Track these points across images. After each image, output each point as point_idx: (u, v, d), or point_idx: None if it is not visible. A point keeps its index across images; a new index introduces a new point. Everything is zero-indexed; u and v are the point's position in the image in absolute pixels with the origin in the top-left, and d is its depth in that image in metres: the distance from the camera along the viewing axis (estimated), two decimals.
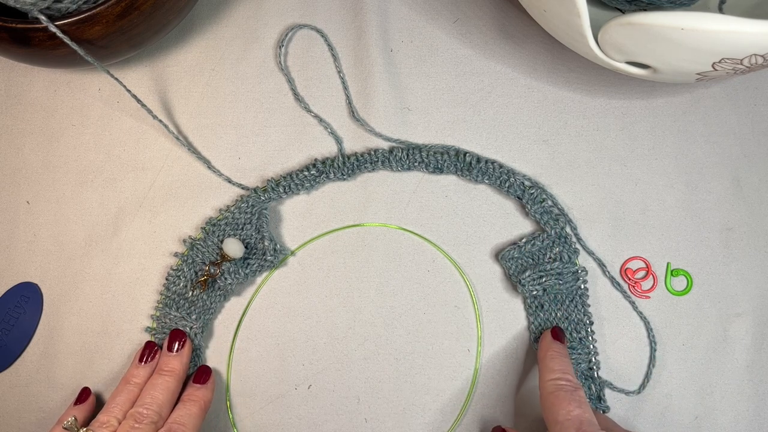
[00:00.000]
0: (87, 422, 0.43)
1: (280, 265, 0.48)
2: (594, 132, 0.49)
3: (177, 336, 0.45)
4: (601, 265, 0.47)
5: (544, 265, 0.46)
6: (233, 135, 0.49)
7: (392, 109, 0.49)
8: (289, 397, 0.46)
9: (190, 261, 0.47)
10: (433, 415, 0.46)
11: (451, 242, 0.48)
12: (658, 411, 0.46)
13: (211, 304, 0.47)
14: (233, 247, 0.46)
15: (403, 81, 0.50)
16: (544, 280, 0.45)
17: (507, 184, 0.47)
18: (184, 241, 0.47)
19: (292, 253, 0.48)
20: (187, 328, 0.46)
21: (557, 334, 0.45)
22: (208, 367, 0.46)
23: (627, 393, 0.46)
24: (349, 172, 0.48)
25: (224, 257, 0.46)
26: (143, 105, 0.46)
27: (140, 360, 0.45)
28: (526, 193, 0.47)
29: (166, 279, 0.47)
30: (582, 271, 0.46)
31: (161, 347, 0.46)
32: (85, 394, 0.45)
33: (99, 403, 0.46)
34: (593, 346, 0.46)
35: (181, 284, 0.47)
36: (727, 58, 0.35)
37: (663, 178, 0.48)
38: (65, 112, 0.50)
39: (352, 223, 0.48)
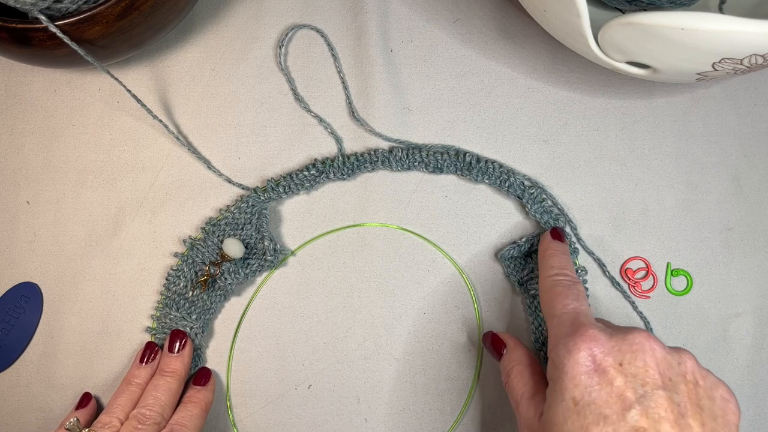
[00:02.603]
0: (89, 425, 0.43)
1: (280, 265, 0.48)
2: (594, 132, 0.49)
3: (177, 336, 0.45)
4: (601, 265, 0.47)
5: None
6: (233, 135, 0.49)
7: (392, 109, 0.49)
8: (289, 397, 0.46)
9: (190, 261, 0.47)
10: (433, 415, 0.46)
11: (451, 242, 0.48)
12: None
13: (211, 304, 0.47)
14: (233, 247, 0.46)
15: (403, 81, 0.50)
16: None
17: (507, 184, 0.47)
18: (184, 241, 0.47)
19: (292, 253, 0.48)
20: (188, 328, 0.46)
21: (557, 234, 0.44)
22: (208, 369, 0.46)
23: None
24: (349, 172, 0.48)
25: (224, 257, 0.46)
26: (143, 105, 0.46)
27: (141, 360, 0.45)
28: (526, 193, 0.47)
29: (166, 279, 0.47)
30: (582, 270, 0.46)
31: (162, 347, 0.46)
32: (86, 399, 0.45)
33: (100, 407, 0.46)
34: None
35: (181, 284, 0.47)
36: (727, 58, 0.35)
37: (663, 178, 0.48)
38: (65, 112, 0.50)
39: (352, 223, 0.48)
